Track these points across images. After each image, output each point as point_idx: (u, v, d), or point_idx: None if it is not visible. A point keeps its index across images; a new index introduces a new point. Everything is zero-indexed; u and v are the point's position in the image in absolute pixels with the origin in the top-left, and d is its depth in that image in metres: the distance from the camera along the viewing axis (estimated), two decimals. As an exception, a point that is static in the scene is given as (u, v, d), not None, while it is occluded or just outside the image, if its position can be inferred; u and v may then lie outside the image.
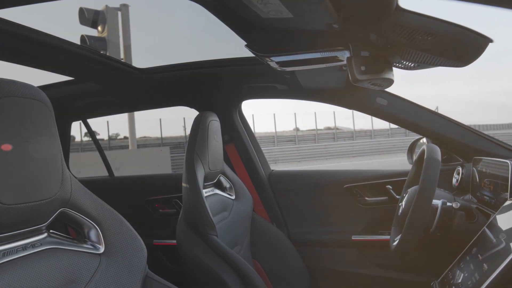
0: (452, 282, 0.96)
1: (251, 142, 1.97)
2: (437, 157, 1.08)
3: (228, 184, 1.59)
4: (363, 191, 1.82)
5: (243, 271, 1.21)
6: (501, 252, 0.82)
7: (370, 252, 1.76)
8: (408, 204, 1.22)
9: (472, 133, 1.59)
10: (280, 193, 1.94)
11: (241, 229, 1.53)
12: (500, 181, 1.18)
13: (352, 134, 24.23)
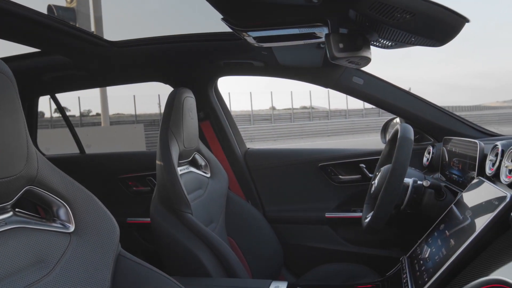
0: (420, 256, 1.00)
1: (227, 119, 1.95)
2: (410, 136, 1.10)
3: (203, 162, 1.57)
4: (337, 169, 1.85)
5: (218, 248, 1.21)
6: (466, 228, 0.86)
7: (343, 229, 1.81)
8: (380, 182, 1.24)
9: (443, 114, 1.63)
10: (256, 171, 1.95)
11: (216, 207, 1.53)
12: (468, 161, 1.21)
13: (327, 113, 24.50)
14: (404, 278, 0.99)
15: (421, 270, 0.93)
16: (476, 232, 0.80)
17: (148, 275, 0.77)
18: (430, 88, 30.17)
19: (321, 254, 1.81)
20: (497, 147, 1.04)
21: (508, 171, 0.92)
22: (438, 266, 0.84)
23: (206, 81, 1.84)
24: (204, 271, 1.17)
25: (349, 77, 1.65)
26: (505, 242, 0.76)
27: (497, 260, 0.73)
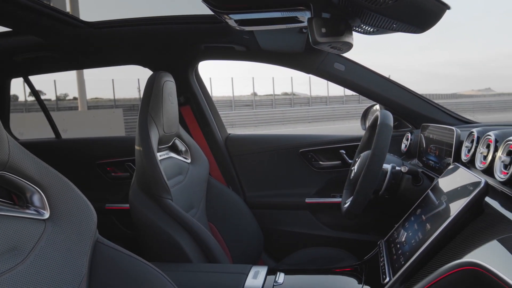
0: (397, 240, 1.02)
1: (208, 104, 1.92)
2: (390, 123, 1.11)
3: (184, 148, 1.55)
4: (318, 155, 1.86)
5: (198, 234, 1.20)
6: (442, 212, 0.88)
7: (322, 214, 1.83)
8: (360, 168, 1.26)
9: (422, 101, 1.66)
10: (237, 157, 1.94)
11: (196, 193, 1.52)
12: (445, 147, 1.24)
13: (308, 100, 24.61)
14: (381, 261, 1.01)
15: (397, 254, 0.95)
16: (451, 217, 0.82)
17: (126, 261, 0.76)
18: (409, 76, 30.64)
19: (301, 238, 1.83)
20: (473, 134, 1.06)
21: (483, 157, 0.94)
22: (414, 249, 0.87)
23: (186, 65, 1.81)
24: (184, 257, 1.17)
25: (330, 63, 1.65)
26: (478, 226, 0.79)
27: (471, 244, 0.75)
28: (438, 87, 58.03)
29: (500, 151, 0.83)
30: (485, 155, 0.93)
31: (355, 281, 1.02)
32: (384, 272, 0.93)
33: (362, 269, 1.08)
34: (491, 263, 0.66)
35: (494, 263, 0.65)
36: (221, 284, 1.00)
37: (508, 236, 0.68)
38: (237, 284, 0.99)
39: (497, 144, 0.87)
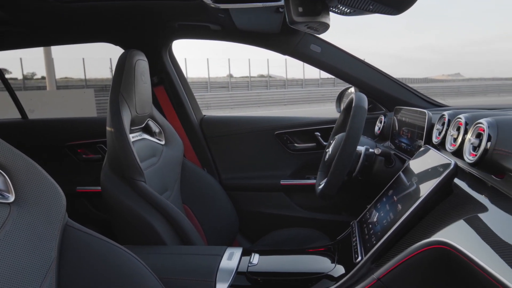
0: (369, 221, 1.04)
1: (182, 85, 1.88)
2: (364, 105, 1.12)
3: (157, 129, 1.52)
4: (293, 137, 1.87)
5: (172, 216, 1.19)
6: (413, 193, 0.90)
7: (297, 196, 1.85)
8: (334, 150, 1.27)
9: (396, 84, 1.68)
10: (212, 139, 1.92)
11: (171, 175, 1.49)
12: (417, 130, 1.26)
13: (284, 82, 24.62)
14: (354, 241, 1.03)
15: (369, 234, 0.97)
16: (421, 197, 0.84)
17: (97, 244, 0.74)
18: (383, 60, 31.07)
19: (275, 220, 1.85)
20: (444, 117, 1.08)
21: (453, 140, 0.96)
22: (385, 229, 0.89)
23: (159, 43, 1.75)
24: (158, 239, 1.15)
25: (307, 45, 1.63)
26: (447, 206, 0.81)
27: (439, 223, 0.77)
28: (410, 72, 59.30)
29: (470, 133, 0.85)
30: (455, 137, 0.95)
31: (328, 260, 1.04)
32: (356, 251, 0.95)
33: (335, 249, 1.10)
34: (458, 241, 0.68)
35: (461, 241, 0.67)
36: (195, 266, 0.99)
37: (474, 215, 0.70)
38: (212, 266, 0.99)
39: (467, 127, 0.89)
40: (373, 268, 0.87)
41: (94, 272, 0.71)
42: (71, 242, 0.72)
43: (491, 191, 0.75)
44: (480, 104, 1.58)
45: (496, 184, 0.75)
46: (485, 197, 0.74)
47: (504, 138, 0.73)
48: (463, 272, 0.68)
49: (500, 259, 0.56)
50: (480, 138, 0.78)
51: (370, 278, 0.84)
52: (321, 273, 0.97)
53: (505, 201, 0.69)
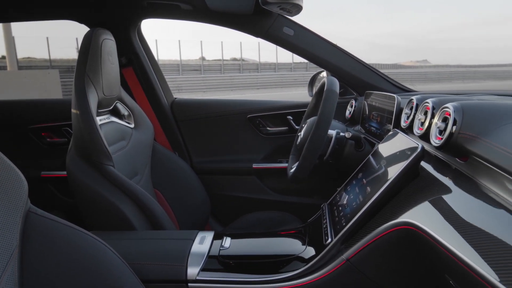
0: (339, 203, 1.06)
1: (152, 67, 1.82)
2: (336, 89, 1.12)
3: (126, 112, 1.47)
4: (265, 121, 1.86)
5: (142, 201, 1.17)
6: (381, 176, 0.92)
7: (269, 179, 1.86)
8: (306, 133, 1.27)
9: (367, 69, 1.70)
10: (183, 122, 1.89)
11: (141, 159, 1.46)
12: (386, 114, 1.29)
13: (257, 66, 24.50)
14: (324, 223, 1.05)
15: (339, 216, 0.99)
16: (389, 180, 0.86)
17: (62, 231, 0.71)
18: (355, 45, 31.51)
19: (247, 203, 1.86)
20: (412, 102, 1.11)
21: (420, 124, 0.99)
22: (355, 211, 0.90)
23: (127, 22, 1.68)
24: (128, 225, 1.13)
25: (279, 27, 1.62)
26: (413, 188, 0.83)
27: (406, 205, 0.80)
28: (381, 57, 60.57)
29: (436, 117, 0.87)
30: (422, 121, 0.97)
31: (299, 242, 1.06)
32: (327, 233, 0.97)
33: (306, 231, 1.12)
34: (423, 222, 0.70)
35: (425, 222, 0.70)
36: (166, 251, 0.98)
37: (439, 197, 0.73)
38: (183, 250, 0.98)
39: (434, 111, 0.91)
40: (343, 249, 0.89)
41: (59, 260, 0.68)
42: (34, 229, 0.69)
43: (455, 173, 0.78)
44: (447, 90, 1.62)
45: (460, 166, 0.78)
46: (449, 179, 0.76)
47: (469, 122, 0.75)
48: (427, 251, 0.71)
49: (461, 238, 0.59)
50: (446, 122, 0.81)
51: (340, 259, 0.86)
52: (292, 255, 0.99)
53: (467, 183, 0.71)
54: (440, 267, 0.71)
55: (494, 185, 0.64)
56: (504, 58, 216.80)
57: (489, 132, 0.70)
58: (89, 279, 0.70)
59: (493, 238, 0.54)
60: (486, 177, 0.68)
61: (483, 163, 0.68)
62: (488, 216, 0.59)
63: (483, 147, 0.68)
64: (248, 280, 0.91)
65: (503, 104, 0.78)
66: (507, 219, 0.55)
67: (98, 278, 0.71)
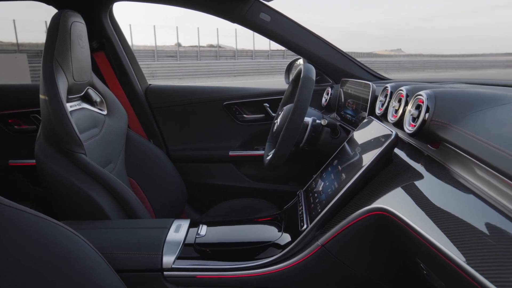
0: (315, 190, 1.07)
1: (125, 52, 1.77)
2: (312, 76, 1.12)
3: (99, 98, 1.43)
4: (242, 108, 1.85)
5: (116, 190, 1.14)
6: (356, 163, 0.93)
7: (246, 167, 1.86)
8: (282, 121, 1.27)
9: (343, 57, 1.70)
10: (158, 109, 1.85)
11: (114, 147, 1.42)
12: (361, 102, 1.30)
13: (234, 53, 24.29)
14: (300, 210, 1.05)
15: (315, 202, 1.00)
16: (364, 167, 0.87)
17: (31, 221, 0.69)
18: (332, 34, 31.60)
19: (224, 191, 1.86)
20: (387, 89, 1.12)
21: (395, 111, 1.00)
22: (330, 198, 0.91)
23: (98, 4, 1.62)
24: (101, 214, 1.11)
25: (256, 13, 1.60)
26: (387, 175, 0.85)
27: (380, 191, 0.81)
28: (356, 46, 60.99)
29: (410, 105, 0.88)
30: (396, 108, 0.99)
31: (275, 229, 1.06)
32: (302, 220, 0.98)
33: (282, 218, 1.13)
34: (396, 207, 0.72)
35: (398, 207, 0.71)
36: (141, 240, 0.97)
37: (411, 183, 0.74)
38: (158, 239, 0.97)
39: (408, 98, 0.93)
40: (318, 235, 0.90)
41: (28, 252, 0.66)
42: (1, 220, 0.67)
43: (427, 160, 0.79)
44: (420, 78, 1.66)
45: (432, 153, 0.79)
46: (421, 165, 0.78)
47: (441, 109, 0.76)
48: (400, 235, 0.72)
49: (431, 222, 0.60)
50: (419, 109, 0.82)
51: (315, 244, 0.87)
52: (268, 241, 0.99)
53: (439, 169, 0.73)
54: (412, 251, 0.73)
55: (464, 171, 0.66)
56: (475, 48, 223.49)
57: (460, 120, 0.72)
58: (60, 270, 0.68)
59: (462, 222, 0.55)
60: (456, 163, 0.69)
61: (453, 149, 0.70)
62: (458, 201, 0.61)
63: (454, 134, 0.70)
64: (224, 267, 0.91)
65: (474, 92, 0.80)
66: (475, 203, 0.57)
67: (69, 268, 0.69)
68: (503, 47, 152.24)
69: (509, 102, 0.75)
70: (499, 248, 0.47)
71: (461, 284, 0.52)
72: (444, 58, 31.86)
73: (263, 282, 0.90)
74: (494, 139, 0.60)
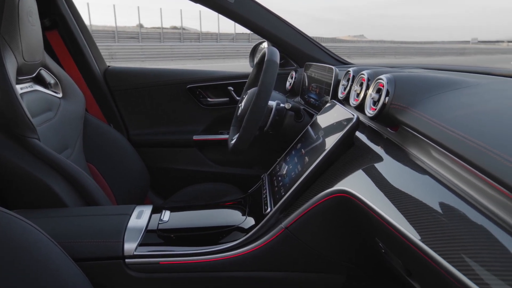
0: (278, 173, 1.08)
1: (81, 31, 1.67)
2: (276, 59, 1.11)
3: (53, 80, 1.34)
4: (206, 92, 1.82)
5: (73, 176, 1.09)
6: (319, 146, 0.94)
7: (210, 151, 1.84)
8: (247, 104, 1.26)
9: (308, 41, 1.70)
10: (118, 92, 1.78)
11: (71, 131, 1.36)
12: (325, 86, 1.31)
13: (198, 36, 23.80)
14: (264, 193, 1.06)
15: (279, 186, 1.00)
16: (326, 150, 0.88)
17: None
18: (297, 19, 31.48)
19: (188, 175, 1.83)
20: (349, 73, 1.13)
21: (356, 95, 1.02)
22: (293, 181, 0.92)
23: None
24: (57, 202, 1.06)
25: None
26: (348, 158, 0.87)
27: (341, 173, 0.83)
28: (320, 31, 61.51)
29: (371, 89, 0.90)
30: (358, 92, 1.00)
31: (239, 213, 1.06)
32: (266, 203, 0.98)
33: (246, 202, 1.13)
34: (356, 189, 0.73)
35: (358, 189, 0.73)
36: (101, 227, 0.94)
37: (371, 165, 0.76)
38: (119, 226, 0.94)
39: (369, 82, 0.94)
40: (281, 218, 0.90)
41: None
42: None
43: (386, 142, 0.82)
44: (381, 63, 1.69)
45: (391, 136, 0.82)
46: (381, 148, 0.80)
47: (400, 93, 0.78)
48: (360, 216, 0.74)
49: (390, 203, 0.62)
50: (380, 93, 0.84)
51: (278, 227, 0.88)
52: (232, 225, 0.99)
53: (397, 151, 0.75)
54: (371, 231, 0.75)
55: (421, 153, 0.68)
56: (433, 36, 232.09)
57: (418, 103, 0.74)
58: (12, 261, 0.64)
59: (418, 202, 0.58)
60: (414, 145, 0.72)
61: (411, 132, 0.72)
62: (414, 182, 0.63)
63: (411, 117, 0.72)
64: (187, 253, 0.91)
65: (431, 76, 0.83)
66: (430, 184, 0.59)
67: (22, 259, 0.66)
68: (457, 35, 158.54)
69: (463, 86, 0.78)
70: (451, 226, 0.50)
71: (416, 261, 0.54)
72: (404, 44, 32.89)
73: (228, 266, 0.91)
74: (449, 122, 0.62)
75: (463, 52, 30.98)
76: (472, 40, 65.56)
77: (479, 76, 1.03)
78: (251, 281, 0.92)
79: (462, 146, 0.55)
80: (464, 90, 0.76)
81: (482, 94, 0.73)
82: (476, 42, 56.31)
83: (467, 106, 0.67)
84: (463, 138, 0.56)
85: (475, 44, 51.41)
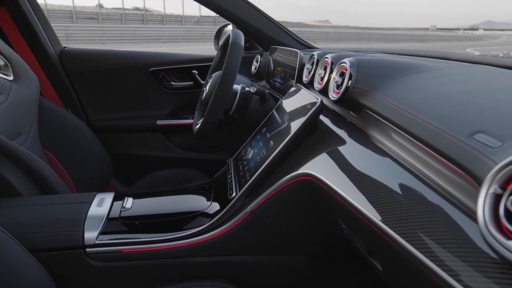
0: (244, 158, 1.07)
1: (33, 9, 1.57)
2: (240, 42, 1.10)
3: (2, 62, 1.26)
4: (169, 75, 1.77)
5: (28, 164, 1.03)
6: (284, 130, 0.94)
7: (175, 136, 1.81)
8: (211, 88, 1.24)
9: (273, 25, 1.69)
10: (76, 75, 1.69)
11: (24, 117, 1.28)
12: (290, 70, 1.31)
13: (162, 18, 23.11)
14: (229, 178, 1.05)
15: (244, 170, 1.00)
16: (290, 134, 0.88)
17: None
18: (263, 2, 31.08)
19: (152, 161, 1.79)
20: (314, 57, 1.13)
21: (320, 79, 1.02)
22: (258, 165, 0.92)
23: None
24: (11, 191, 1.00)
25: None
26: (313, 141, 0.87)
27: (306, 157, 0.83)
28: (286, 15, 61.29)
29: (335, 72, 0.91)
30: (322, 76, 1.01)
31: (204, 198, 1.05)
32: (231, 188, 0.98)
33: (211, 187, 1.12)
34: (320, 172, 0.74)
35: (322, 172, 0.74)
36: (59, 217, 0.90)
37: (335, 148, 0.77)
38: (79, 214, 0.90)
39: (333, 66, 0.95)
40: (247, 202, 0.90)
41: None
42: None
43: (349, 126, 0.83)
44: (345, 48, 1.70)
45: (354, 119, 0.83)
46: (344, 131, 0.81)
47: (363, 77, 0.79)
48: (323, 198, 0.76)
49: (352, 185, 0.63)
50: (343, 77, 0.84)
51: (244, 212, 0.88)
52: (196, 211, 0.98)
53: (360, 134, 0.76)
54: (334, 213, 0.76)
55: (382, 135, 0.70)
56: (395, 22, 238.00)
57: (379, 86, 0.75)
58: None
59: (378, 184, 0.59)
60: (375, 128, 0.73)
61: (373, 115, 0.73)
62: (376, 165, 0.64)
63: (373, 101, 0.73)
64: (151, 240, 0.89)
65: (393, 60, 0.84)
66: (391, 166, 0.61)
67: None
68: (417, 22, 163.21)
69: (422, 70, 0.80)
70: (410, 206, 0.51)
71: (377, 241, 0.56)
72: (367, 30, 33.54)
73: (193, 252, 0.90)
74: (408, 105, 0.63)
75: (423, 39, 32.06)
76: (431, 27, 67.74)
77: (437, 61, 1.06)
78: (218, 266, 0.92)
79: (420, 128, 0.57)
80: (423, 74, 0.78)
81: (439, 78, 0.75)
82: (435, 29, 58.22)
83: (425, 89, 0.68)
84: (421, 120, 0.57)
85: (434, 31, 53.17)
